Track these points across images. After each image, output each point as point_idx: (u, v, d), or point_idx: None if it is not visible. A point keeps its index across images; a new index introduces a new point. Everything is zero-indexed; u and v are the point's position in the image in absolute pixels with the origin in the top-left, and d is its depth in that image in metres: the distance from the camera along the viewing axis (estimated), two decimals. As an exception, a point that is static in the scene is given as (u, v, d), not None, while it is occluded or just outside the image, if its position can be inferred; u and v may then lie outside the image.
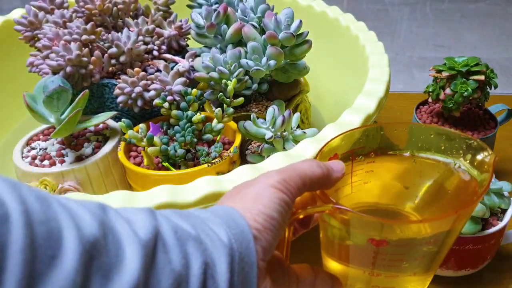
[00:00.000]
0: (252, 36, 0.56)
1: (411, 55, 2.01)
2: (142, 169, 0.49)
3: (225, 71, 0.55)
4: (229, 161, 0.51)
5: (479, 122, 0.62)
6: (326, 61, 0.71)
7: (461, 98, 0.57)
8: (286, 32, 0.54)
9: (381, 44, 0.61)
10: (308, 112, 0.65)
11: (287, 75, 0.59)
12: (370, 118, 0.47)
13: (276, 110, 0.53)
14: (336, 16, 0.68)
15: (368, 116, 0.46)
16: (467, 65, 0.58)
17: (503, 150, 0.73)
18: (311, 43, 0.57)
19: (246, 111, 0.61)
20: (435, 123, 0.62)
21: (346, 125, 0.44)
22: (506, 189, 0.50)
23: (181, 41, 0.64)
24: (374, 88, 0.50)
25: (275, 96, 0.61)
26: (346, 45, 0.66)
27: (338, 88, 0.68)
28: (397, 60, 1.97)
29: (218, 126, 0.54)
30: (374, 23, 2.22)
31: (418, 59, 1.98)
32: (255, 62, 0.55)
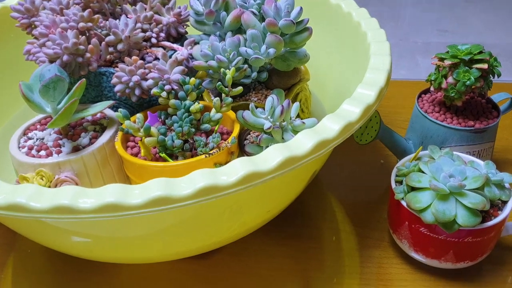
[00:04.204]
0: (252, 23, 0.55)
1: (415, 41, 1.99)
2: (139, 160, 0.48)
3: (223, 60, 0.54)
4: (227, 152, 0.51)
5: (482, 111, 0.61)
6: (327, 48, 0.70)
7: (464, 87, 0.56)
8: (286, 19, 0.53)
9: (383, 32, 0.60)
10: (308, 101, 0.64)
11: (287, 63, 0.58)
12: (370, 109, 0.46)
13: (275, 100, 0.52)
14: (338, 2, 0.67)
15: (368, 106, 0.45)
16: (470, 53, 0.56)
17: (505, 139, 0.72)
18: (311, 30, 0.56)
19: (245, 100, 0.60)
20: (437, 112, 0.61)
21: (345, 116, 0.44)
22: (507, 181, 0.50)
23: (180, 28, 0.63)
24: (375, 77, 0.49)
25: (274, 85, 0.61)
26: (347, 32, 0.65)
27: (339, 76, 0.67)
28: (400, 46, 1.95)
29: (216, 116, 0.53)
30: (378, 8, 2.20)
31: (422, 45, 1.96)
32: (254, 50, 0.54)
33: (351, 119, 0.44)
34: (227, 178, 0.37)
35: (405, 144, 0.63)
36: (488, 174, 0.50)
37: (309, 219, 0.61)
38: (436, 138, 0.60)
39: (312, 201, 0.63)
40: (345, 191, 0.65)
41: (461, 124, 0.59)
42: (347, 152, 0.70)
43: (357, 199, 0.64)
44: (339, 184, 0.67)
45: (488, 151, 0.61)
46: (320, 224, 0.60)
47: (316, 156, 0.41)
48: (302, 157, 0.40)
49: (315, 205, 0.63)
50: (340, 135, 0.42)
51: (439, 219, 0.45)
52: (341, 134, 0.42)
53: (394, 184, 0.52)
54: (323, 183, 0.67)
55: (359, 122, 0.44)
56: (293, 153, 0.39)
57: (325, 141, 0.41)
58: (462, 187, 0.46)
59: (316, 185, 0.66)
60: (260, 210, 0.47)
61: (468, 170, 0.49)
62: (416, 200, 0.47)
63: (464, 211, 0.46)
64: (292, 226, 0.59)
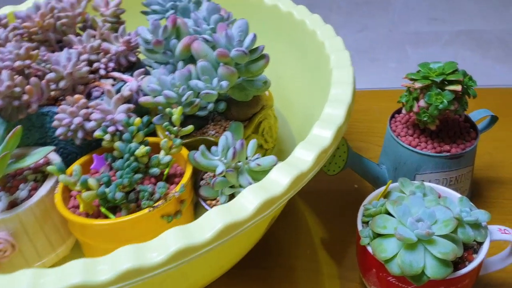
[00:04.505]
0: (203, 53, 0.51)
1: (405, 31, 1.93)
2: (78, 218, 0.44)
3: (172, 96, 0.50)
4: (177, 201, 0.47)
5: (459, 132, 0.57)
6: (289, 63, 0.66)
7: (436, 110, 0.52)
8: (237, 50, 0.49)
9: (340, 40, 0.56)
10: (273, 129, 0.60)
11: (245, 93, 0.54)
12: (326, 152, 0.42)
13: (229, 138, 0.48)
14: (302, 18, 0.62)
15: (324, 150, 0.41)
16: (442, 73, 0.52)
17: (488, 154, 0.68)
18: (268, 58, 0.51)
19: (202, 133, 0.56)
20: (410, 136, 0.57)
21: (297, 164, 0.39)
22: (482, 220, 0.46)
23: (131, 57, 0.58)
24: (333, 113, 0.45)
25: (233, 116, 0.56)
26: (305, 43, 0.60)
27: (304, 93, 0.62)
28: (390, 37, 1.89)
29: (165, 158, 0.49)
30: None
31: (413, 35, 1.90)
32: (206, 83, 0.50)
33: (303, 168, 0.39)
34: (156, 256, 0.33)
35: (378, 170, 0.59)
36: (462, 213, 0.46)
37: (278, 255, 0.57)
38: (410, 165, 0.56)
39: (282, 234, 0.59)
40: (316, 220, 0.61)
41: (436, 149, 0.55)
42: (318, 176, 0.66)
43: (330, 231, 0.60)
44: (310, 212, 0.62)
45: (466, 175, 0.57)
46: (292, 262, 0.56)
47: (263, 217, 0.37)
48: (245, 221, 0.36)
49: (286, 239, 0.59)
50: (290, 188, 0.38)
51: (406, 272, 0.41)
52: (292, 187, 0.38)
53: (360, 226, 0.48)
54: (293, 212, 0.63)
55: (312, 170, 0.40)
56: (234, 218, 0.35)
57: (272, 198, 0.37)
58: (430, 235, 0.42)
59: (285, 216, 0.62)
60: (209, 269, 0.43)
61: (438, 212, 0.44)
62: (381, 249, 0.43)
63: (434, 261, 0.42)
64: (260, 267, 0.55)
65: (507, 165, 0.65)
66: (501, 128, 0.72)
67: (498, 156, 0.67)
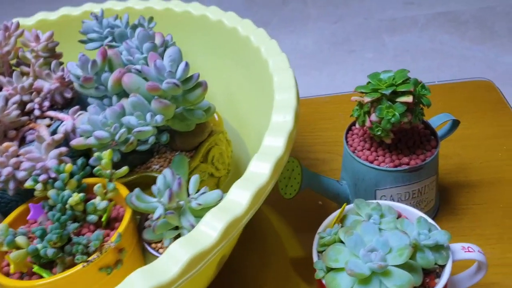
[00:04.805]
0: (134, 86, 0.47)
1: (380, 18, 1.89)
2: (7, 280, 0.41)
3: (103, 136, 0.46)
4: (115, 251, 0.44)
5: (419, 141, 0.54)
6: (237, 78, 0.62)
7: (389, 124, 0.49)
8: (168, 82, 0.45)
9: (275, 42, 0.53)
10: (224, 155, 0.56)
11: (186, 123, 0.50)
12: (264, 191, 0.38)
13: (167, 177, 0.45)
14: (247, 34, 0.58)
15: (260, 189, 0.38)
16: (392, 84, 0.49)
17: (458, 155, 0.65)
18: (205, 85, 0.48)
19: (146, 168, 0.53)
20: (368, 150, 0.54)
21: (230, 209, 0.36)
22: (442, 241, 0.43)
23: (66, 93, 0.55)
24: (272, 145, 0.42)
25: (178, 147, 0.53)
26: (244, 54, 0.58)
27: (254, 110, 0.59)
28: (366, 26, 1.86)
29: (101, 204, 0.46)
30: (339, -14, 2.09)
31: (389, 22, 1.87)
32: (139, 119, 0.47)
33: (237, 213, 0.36)
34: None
35: (338, 187, 0.56)
36: (420, 236, 0.43)
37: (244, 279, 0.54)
38: (369, 180, 0.53)
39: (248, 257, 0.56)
40: (277, 245, 0.58)
41: (395, 162, 0.52)
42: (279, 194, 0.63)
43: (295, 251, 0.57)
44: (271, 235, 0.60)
45: (430, 186, 0.54)
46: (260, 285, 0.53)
47: (193, 274, 0.34)
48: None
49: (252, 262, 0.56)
50: (222, 238, 0.35)
51: (360, 309, 0.38)
52: (224, 236, 0.35)
53: (316, 256, 0.45)
54: (256, 234, 0.60)
55: (247, 214, 0.37)
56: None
57: (202, 253, 0.34)
58: (383, 268, 0.39)
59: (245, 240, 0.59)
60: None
61: (393, 238, 0.42)
62: (335, 284, 0.40)
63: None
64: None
65: (476, 166, 0.63)
66: (470, 125, 0.69)
67: (467, 157, 0.64)
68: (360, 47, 1.75)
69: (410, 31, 1.80)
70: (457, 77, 1.57)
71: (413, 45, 1.71)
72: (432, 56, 1.65)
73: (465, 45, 1.66)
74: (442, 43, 1.70)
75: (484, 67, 1.57)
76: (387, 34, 1.79)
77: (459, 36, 1.69)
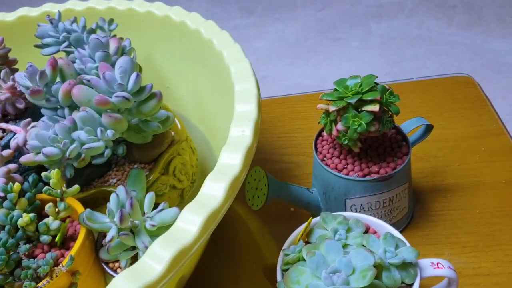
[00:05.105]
0: (85, 99, 0.45)
1: (367, 4, 1.85)
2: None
3: (53, 153, 0.44)
4: (68, 274, 0.42)
5: (390, 147, 0.52)
6: (203, 82, 0.60)
7: (356, 134, 0.46)
8: (117, 96, 0.43)
9: (239, 47, 0.50)
10: (188, 165, 0.54)
11: (142, 135, 0.48)
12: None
13: (120, 196, 0.43)
14: (197, 27, 0.55)
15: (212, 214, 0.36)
16: (358, 92, 0.46)
17: (434, 158, 0.63)
18: (160, 96, 0.45)
19: (104, 182, 0.50)
20: (337, 157, 0.52)
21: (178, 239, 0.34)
22: (409, 259, 0.41)
23: (18, 104, 0.52)
24: (226, 167, 0.39)
25: (136, 159, 0.51)
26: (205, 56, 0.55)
27: (220, 112, 0.57)
28: (352, 13, 1.82)
29: (54, 224, 0.43)
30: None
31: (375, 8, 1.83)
32: (89, 134, 0.44)
33: (185, 242, 0.34)
34: None
35: (308, 195, 0.54)
36: (386, 253, 0.41)
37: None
38: (338, 189, 0.51)
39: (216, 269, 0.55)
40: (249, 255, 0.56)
41: (364, 170, 0.50)
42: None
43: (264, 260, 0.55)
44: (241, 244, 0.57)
45: (402, 194, 0.52)
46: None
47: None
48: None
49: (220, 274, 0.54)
50: (169, 270, 0.33)
51: (320, 337, 0.37)
52: (172, 267, 0.33)
53: (280, 276, 0.43)
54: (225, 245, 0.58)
55: (197, 243, 0.34)
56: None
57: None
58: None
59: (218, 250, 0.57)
60: None
61: (357, 258, 0.39)
62: (296, 308, 0.39)
63: (352, 319, 0.37)
64: None
65: (453, 169, 0.60)
66: (448, 124, 0.67)
67: (444, 159, 0.62)
68: (346, 35, 1.72)
69: (397, 17, 1.76)
70: (444, 64, 1.55)
71: (399, 32, 1.68)
72: (419, 43, 1.62)
73: (453, 31, 1.63)
74: (429, 29, 1.67)
75: (471, 53, 1.55)
76: (373, 20, 1.76)
77: (446, 22, 1.66)
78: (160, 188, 0.51)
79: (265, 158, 0.67)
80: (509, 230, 0.53)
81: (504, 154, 0.61)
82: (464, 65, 1.51)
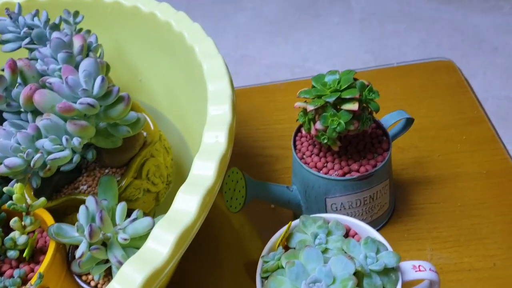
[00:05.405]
0: (48, 105, 0.42)
1: (347, -22, 1.81)
2: None
3: (16, 164, 0.41)
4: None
5: (370, 144, 0.50)
6: (176, 76, 0.57)
7: (335, 133, 0.45)
8: (82, 102, 0.40)
9: (211, 41, 0.48)
10: (162, 167, 0.52)
11: (111, 140, 0.45)
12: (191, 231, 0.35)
13: (90, 208, 0.41)
14: (167, 19, 0.53)
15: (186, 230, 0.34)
16: (337, 90, 0.44)
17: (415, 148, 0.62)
18: (128, 99, 0.43)
19: (74, 188, 0.48)
20: (316, 155, 0.50)
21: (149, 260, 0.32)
22: (391, 264, 0.40)
23: (-22, 108, 0.49)
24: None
25: (106, 164, 0.48)
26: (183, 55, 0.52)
27: (194, 108, 0.54)
28: (331, -13, 1.78)
29: (21, 239, 0.41)
30: None
31: (355, -18, 1.79)
32: (54, 143, 0.41)
33: (157, 264, 0.32)
34: None
35: (288, 194, 0.52)
36: (367, 259, 0.40)
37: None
38: (318, 189, 0.49)
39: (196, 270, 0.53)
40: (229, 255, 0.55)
41: (344, 169, 0.48)
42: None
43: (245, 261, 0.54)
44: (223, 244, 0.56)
45: (382, 191, 0.51)
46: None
47: None
48: None
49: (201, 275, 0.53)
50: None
51: None
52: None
53: (259, 284, 0.42)
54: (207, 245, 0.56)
55: (169, 263, 0.33)
56: None
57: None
58: (324, 305, 0.36)
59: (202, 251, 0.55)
60: None
61: (338, 266, 0.38)
62: (275, 320, 0.37)
63: (333, 331, 0.36)
64: None
65: (434, 160, 0.60)
66: (429, 113, 0.66)
67: (425, 149, 0.61)
68: (326, 11, 1.68)
69: (377, -9, 1.73)
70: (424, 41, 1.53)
71: (380, 8, 1.65)
72: (399, 19, 1.60)
73: (433, 6, 1.61)
74: (409, 4, 1.65)
75: (451, 29, 1.53)
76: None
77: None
78: (134, 193, 0.49)
79: (243, 152, 0.65)
80: (490, 223, 0.52)
81: (484, 143, 0.61)
82: (445, 41, 1.50)
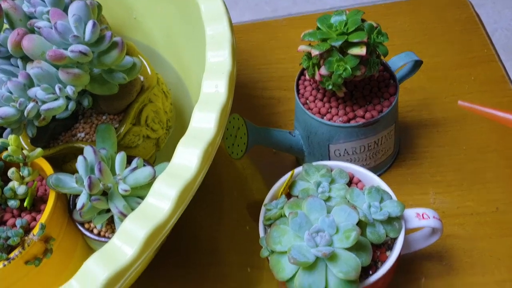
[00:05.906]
0: (37, 51, 0.40)
1: None
2: None
3: (9, 114, 0.40)
4: (40, 242, 0.40)
5: (376, 87, 0.49)
6: (172, 13, 0.54)
7: (340, 79, 0.43)
8: (73, 50, 0.38)
9: None
10: (161, 112, 0.50)
11: (107, 86, 0.43)
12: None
13: (88, 158, 0.40)
14: None
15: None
16: (343, 33, 0.42)
17: (422, 89, 0.60)
18: (122, 44, 0.41)
19: (71, 136, 0.47)
20: (320, 100, 0.48)
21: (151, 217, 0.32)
22: (395, 213, 0.39)
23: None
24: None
25: (103, 110, 0.47)
26: None
27: (191, 47, 0.52)
28: None
29: (20, 189, 0.41)
30: None
31: None
32: (47, 92, 0.40)
33: (158, 220, 0.32)
34: None
35: (290, 139, 0.51)
36: (371, 209, 0.40)
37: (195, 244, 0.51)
38: (321, 135, 0.48)
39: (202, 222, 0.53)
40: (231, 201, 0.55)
41: (349, 114, 0.47)
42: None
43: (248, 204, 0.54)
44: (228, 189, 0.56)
45: (387, 136, 0.49)
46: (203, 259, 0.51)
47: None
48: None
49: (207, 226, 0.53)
50: (143, 251, 0.31)
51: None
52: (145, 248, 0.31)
53: (262, 231, 0.42)
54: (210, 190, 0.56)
55: (171, 220, 0.32)
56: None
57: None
58: (327, 256, 0.36)
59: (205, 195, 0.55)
60: None
61: (341, 215, 0.38)
62: (279, 268, 0.38)
63: (337, 280, 0.37)
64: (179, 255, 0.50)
65: (441, 102, 0.58)
66: (438, 52, 0.63)
67: (432, 91, 0.59)
68: None
69: None
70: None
71: None
72: None
73: None
74: None
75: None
76: None
77: None
78: (133, 139, 0.48)
79: (243, 94, 0.63)
80: (494, 167, 0.52)
81: (493, 83, 0.59)
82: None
